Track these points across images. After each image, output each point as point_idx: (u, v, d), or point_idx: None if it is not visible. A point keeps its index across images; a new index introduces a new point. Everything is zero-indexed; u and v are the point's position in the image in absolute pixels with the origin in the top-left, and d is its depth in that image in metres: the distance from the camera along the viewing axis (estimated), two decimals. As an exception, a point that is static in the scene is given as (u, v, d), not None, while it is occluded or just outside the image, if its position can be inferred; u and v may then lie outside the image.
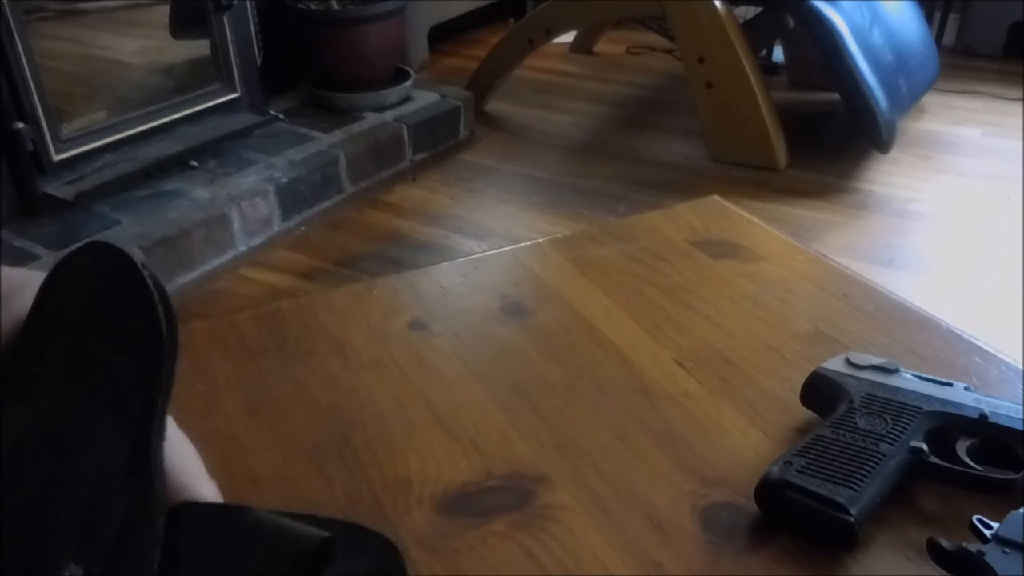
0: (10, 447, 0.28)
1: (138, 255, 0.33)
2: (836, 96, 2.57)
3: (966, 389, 0.52)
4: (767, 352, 0.62)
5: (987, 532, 0.42)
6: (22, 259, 1.87)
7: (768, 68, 3.24)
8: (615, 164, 2.71)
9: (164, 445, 0.32)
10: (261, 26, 2.50)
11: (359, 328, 0.65)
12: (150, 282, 0.32)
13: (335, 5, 2.74)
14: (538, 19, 3.01)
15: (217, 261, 2.14)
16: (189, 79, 2.37)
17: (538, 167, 2.71)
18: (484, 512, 0.48)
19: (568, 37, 3.64)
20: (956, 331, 0.64)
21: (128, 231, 2.00)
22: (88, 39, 2.30)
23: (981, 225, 2.31)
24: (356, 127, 2.60)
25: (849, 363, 0.54)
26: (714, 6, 2.53)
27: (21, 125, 1.92)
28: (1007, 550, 0.41)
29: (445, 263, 0.75)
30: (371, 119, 2.65)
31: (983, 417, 0.49)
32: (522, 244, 0.77)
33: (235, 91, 2.41)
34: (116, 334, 0.32)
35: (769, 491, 0.47)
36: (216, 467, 0.52)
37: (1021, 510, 0.43)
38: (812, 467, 0.46)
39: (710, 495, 0.49)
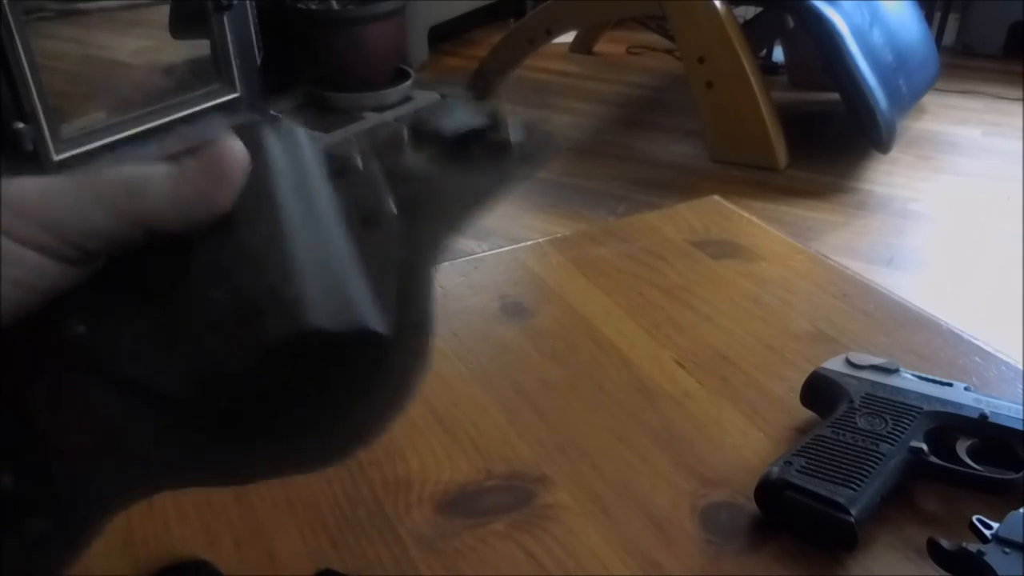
0: None
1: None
2: (836, 96, 2.57)
3: (966, 389, 0.52)
4: (767, 352, 0.62)
5: (987, 532, 0.42)
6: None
7: (768, 68, 3.24)
8: (615, 164, 2.71)
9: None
10: (261, 26, 2.50)
11: (359, 328, 0.65)
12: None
13: (335, 5, 2.74)
14: (538, 19, 3.01)
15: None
16: (189, 79, 2.37)
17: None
18: (484, 512, 0.48)
19: (568, 37, 3.64)
20: (956, 331, 0.63)
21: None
22: (88, 39, 2.30)
23: (981, 225, 2.31)
24: (356, 127, 2.60)
25: (849, 363, 0.54)
26: (714, 6, 2.53)
27: (21, 125, 1.92)
28: (1007, 550, 0.41)
29: (445, 263, 0.74)
30: (371, 119, 2.65)
31: (983, 417, 0.49)
32: (522, 244, 0.77)
33: (235, 91, 2.41)
34: None
35: (769, 491, 0.47)
36: (216, 467, 0.52)
37: (1021, 510, 0.43)
38: (812, 467, 0.46)
39: (710, 495, 0.49)
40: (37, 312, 0.27)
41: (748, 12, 2.95)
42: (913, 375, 0.53)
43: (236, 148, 0.28)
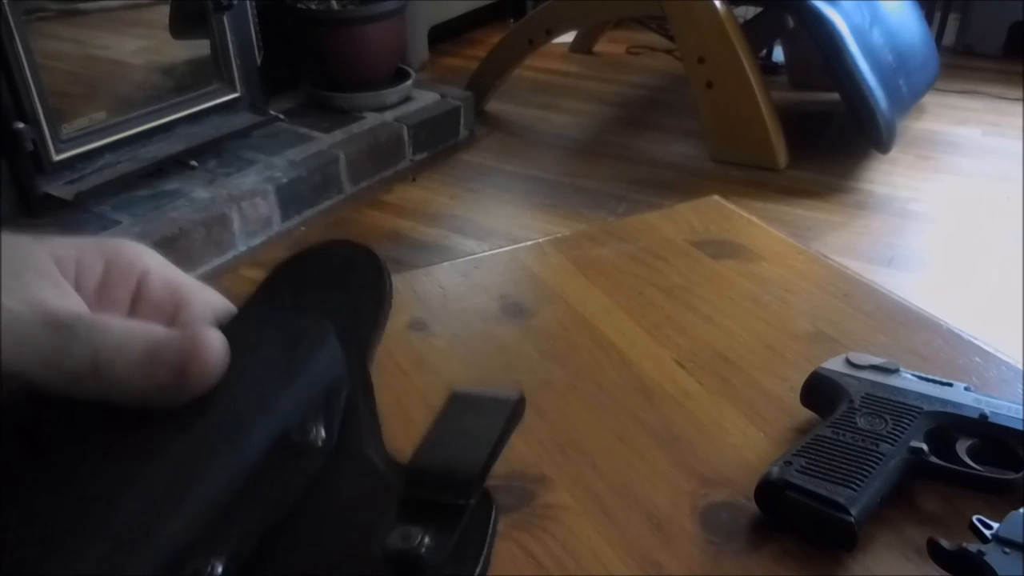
0: None
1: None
2: (836, 96, 2.57)
3: (966, 389, 0.52)
4: (767, 352, 0.62)
5: (987, 532, 0.42)
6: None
7: (768, 68, 3.24)
8: (615, 164, 2.71)
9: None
10: (261, 26, 2.50)
11: (359, 328, 0.65)
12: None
13: (335, 5, 2.74)
14: (538, 19, 3.01)
15: (217, 261, 2.14)
16: (189, 79, 2.37)
17: (538, 167, 2.71)
18: (484, 512, 0.48)
19: (568, 37, 3.64)
20: (956, 331, 0.63)
21: (128, 231, 2.00)
22: (88, 39, 2.30)
23: (981, 225, 2.31)
24: (356, 127, 2.60)
25: (849, 363, 0.54)
26: (714, 6, 2.53)
27: (21, 125, 1.92)
28: (1007, 550, 0.41)
29: (445, 263, 0.74)
30: (371, 119, 2.65)
31: (983, 417, 0.49)
32: (522, 244, 0.77)
33: (235, 91, 2.41)
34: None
35: (769, 491, 0.47)
36: (216, 467, 0.52)
37: (1021, 510, 0.43)
38: (812, 467, 0.46)
39: (710, 495, 0.49)
40: None
41: (748, 12, 2.95)
42: (913, 375, 0.53)
43: (216, 349, 0.26)
